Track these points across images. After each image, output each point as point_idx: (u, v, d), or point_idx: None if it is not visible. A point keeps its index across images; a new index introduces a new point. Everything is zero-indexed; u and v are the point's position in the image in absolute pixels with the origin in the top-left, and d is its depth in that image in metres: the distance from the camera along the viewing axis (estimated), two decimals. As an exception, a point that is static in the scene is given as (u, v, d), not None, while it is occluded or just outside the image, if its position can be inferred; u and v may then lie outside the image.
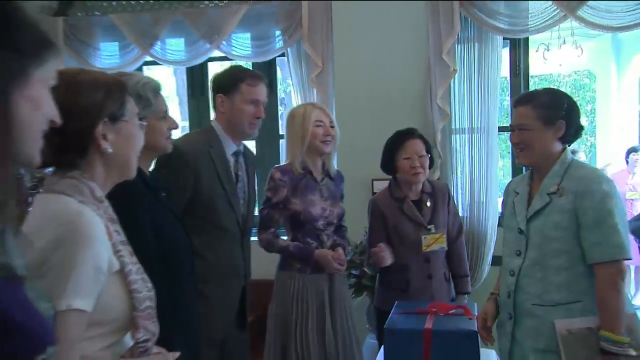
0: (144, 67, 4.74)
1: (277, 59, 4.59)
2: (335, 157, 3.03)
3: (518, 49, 4.14)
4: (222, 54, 4.47)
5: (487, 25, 3.90)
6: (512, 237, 2.28)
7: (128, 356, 1.37)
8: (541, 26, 3.87)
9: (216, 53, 4.48)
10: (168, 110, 2.09)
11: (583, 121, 2.33)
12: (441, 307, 2.60)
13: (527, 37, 4.12)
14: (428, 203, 3.06)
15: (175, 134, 2.22)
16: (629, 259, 2.08)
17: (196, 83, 4.78)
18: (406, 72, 4.10)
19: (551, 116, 2.18)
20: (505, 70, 4.18)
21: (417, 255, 3.00)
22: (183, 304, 2.00)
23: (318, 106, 3.03)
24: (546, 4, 3.82)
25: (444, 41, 3.94)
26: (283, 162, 3.08)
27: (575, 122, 2.23)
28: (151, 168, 2.23)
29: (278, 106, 4.84)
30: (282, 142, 4.58)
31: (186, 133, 3.28)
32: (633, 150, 6.38)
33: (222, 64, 4.95)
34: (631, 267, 6.20)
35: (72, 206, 1.29)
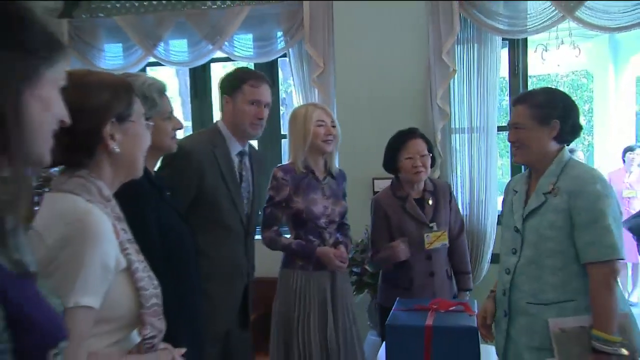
0: (148, 68, 4.74)
1: (279, 60, 4.59)
2: (336, 156, 3.03)
3: (517, 50, 4.14)
4: (225, 55, 4.48)
5: (487, 26, 3.91)
6: (509, 236, 2.28)
7: (135, 352, 1.38)
8: (540, 27, 3.87)
9: (219, 54, 4.49)
10: (173, 110, 2.10)
11: (581, 121, 2.32)
12: (442, 304, 2.61)
13: (526, 38, 4.13)
14: (430, 201, 3.07)
15: (179, 134, 2.22)
16: (622, 259, 2.06)
17: (199, 84, 4.78)
18: (406, 73, 4.10)
19: (546, 115, 2.18)
20: (504, 70, 4.18)
21: (420, 252, 3.00)
22: (188, 302, 2.00)
23: (319, 106, 3.04)
24: (545, 5, 3.83)
25: (444, 42, 3.94)
26: (285, 162, 3.08)
27: (571, 122, 2.21)
28: (156, 168, 2.24)
29: (280, 106, 4.85)
30: (284, 142, 4.59)
31: (191, 133, 3.29)
32: (629, 149, 6.38)
33: (225, 65, 4.97)
34: (628, 265, 6.20)
35: (80, 205, 1.29)
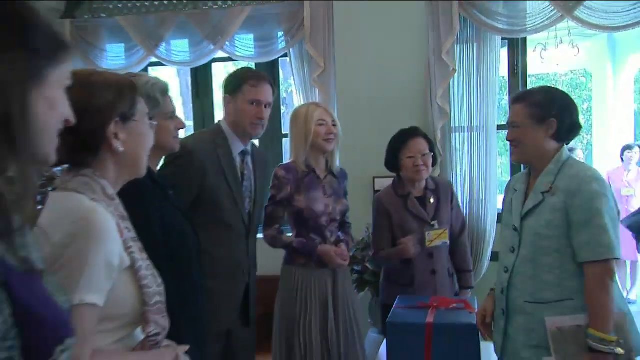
0: (149, 68, 4.75)
1: (280, 60, 4.60)
2: (337, 155, 3.04)
3: (516, 49, 4.15)
4: (226, 55, 4.48)
5: (486, 25, 3.91)
6: (508, 234, 2.27)
7: (139, 349, 1.38)
8: (539, 26, 3.88)
9: (220, 54, 4.49)
10: (175, 110, 2.10)
11: (580, 119, 2.31)
12: (442, 302, 2.62)
13: (525, 37, 4.13)
14: (432, 200, 3.07)
15: (181, 134, 2.23)
16: (617, 259, 2.04)
17: (200, 83, 4.79)
18: (407, 72, 4.11)
19: (542, 114, 2.16)
20: (503, 69, 4.19)
21: (421, 250, 3.01)
22: (191, 300, 2.00)
23: (320, 105, 3.05)
24: (544, 5, 3.83)
25: (444, 41, 3.95)
26: (286, 161, 3.09)
27: (569, 120, 2.19)
28: (159, 167, 2.24)
29: (280, 106, 4.86)
30: (285, 141, 4.59)
31: (194, 132, 3.29)
32: (628, 147, 6.39)
33: (226, 65, 4.98)
34: (627, 263, 6.21)
35: (85, 203, 1.29)
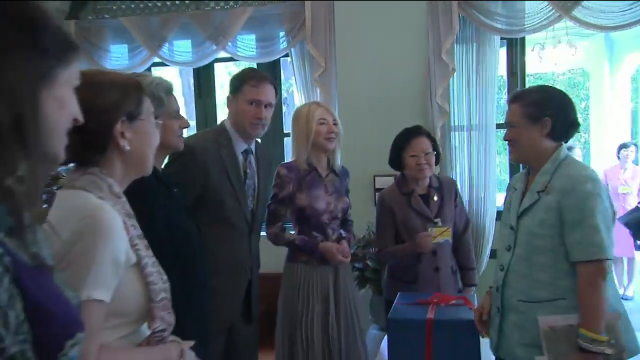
0: (152, 68, 4.75)
1: (281, 60, 4.60)
2: (339, 154, 3.04)
3: (515, 49, 4.16)
4: (228, 55, 4.49)
5: (485, 25, 3.92)
6: (506, 233, 2.27)
7: (145, 345, 1.39)
8: (537, 26, 3.88)
9: (222, 54, 4.50)
10: (179, 109, 2.11)
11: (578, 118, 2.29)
12: (442, 298, 2.62)
13: (524, 37, 4.14)
14: (435, 197, 3.08)
15: (184, 133, 2.23)
16: (609, 259, 2.02)
17: (203, 83, 4.79)
18: (407, 71, 4.12)
19: (536, 114, 2.15)
20: (502, 69, 4.20)
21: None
22: (195, 297, 2.01)
23: (321, 105, 3.06)
24: (542, 5, 3.84)
25: (443, 41, 3.95)
26: (288, 160, 3.09)
27: (564, 119, 2.17)
28: (163, 165, 2.24)
29: (282, 105, 4.86)
30: (286, 140, 4.60)
31: (198, 132, 3.29)
32: (624, 146, 6.40)
33: (227, 65, 4.98)
34: (624, 259, 6.22)
35: (92, 201, 1.30)
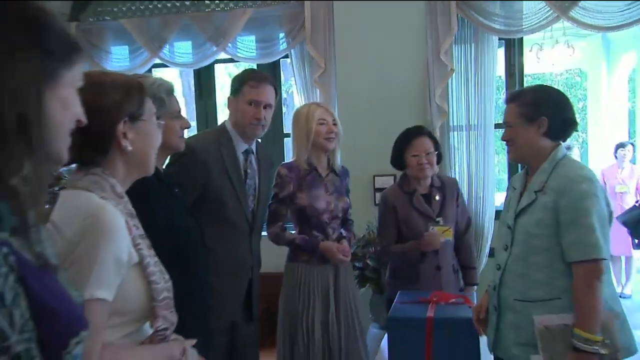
0: (153, 70, 4.76)
1: (280, 61, 4.60)
2: (338, 154, 3.05)
3: (513, 49, 4.16)
4: (228, 56, 4.50)
5: (483, 26, 3.92)
6: (504, 232, 2.26)
7: (147, 343, 1.39)
8: (535, 26, 3.89)
9: (222, 55, 4.50)
10: (181, 110, 2.11)
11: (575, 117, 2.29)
12: (442, 297, 2.63)
13: (522, 38, 4.14)
14: (437, 197, 3.08)
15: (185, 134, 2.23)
16: (604, 259, 2.00)
17: (203, 84, 4.80)
18: (406, 72, 4.12)
19: (533, 113, 2.14)
20: (500, 69, 4.20)
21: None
22: (196, 296, 2.01)
23: (321, 105, 3.06)
24: (540, 5, 3.84)
25: (442, 42, 3.96)
26: (287, 160, 3.10)
27: (560, 118, 2.16)
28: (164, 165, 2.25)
29: (282, 106, 4.87)
30: (286, 141, 4.60)
31: (199, 132, 3.29)
32: (621, 145, 6.40)
33: (228, 66, 4.98)
34: (622, 258, 6.22)
35: (95, 201, 1.30)
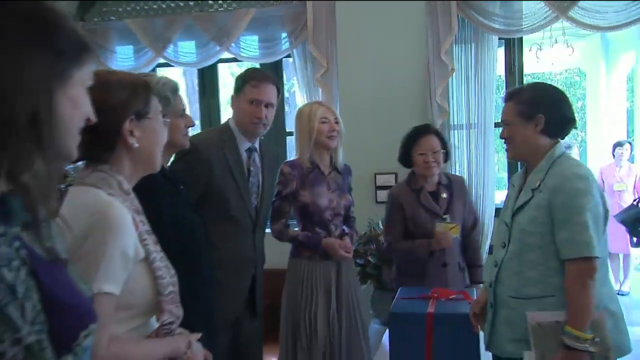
0: (157, 69, 4.77)
1: (282, 60, 4.61)
2: (341, 152, 3.06)
3: (513, 49, 4.17)
4: (232, 56, 4.51)
5: (483, 26, 3.93)
6: (502, 230, 2.25)
7: (153, 337, 1.41)
8: (534, 26, 3.90)
9: (226, 55, 4.52)
10: (186, 108, 2.12)
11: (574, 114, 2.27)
12: (442, 293, 2.64)
13: (521, 37, 4.15)
14: (444, 195, 3.09)
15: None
16: (596, 257, 1.98)
17: (207, 84, 4.81)
18: (407, 71, 4.13)
19: (530, 111, 2.13)
20: (500, 68, 4.21)
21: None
22: (201, 291, 2.02)
23: (323, 104, 3.07)
24: (539, 5, 3.85)
25: (443, 42, 3.97)
26: (290, 158, 3.11)
27: (557, 116, 2.14)
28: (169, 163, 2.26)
29: (284, 105, 4.89)
30: (289, 139, 4.62)
31: (204, 130, 3.30)
32: (618, 144, 6.39)
33: (231, 66, 5.00)
34: (620, 256, 6.22)
35: (102, 198, 1.31)
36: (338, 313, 2.90)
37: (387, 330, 2.61)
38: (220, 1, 4.39)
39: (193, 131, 2.30)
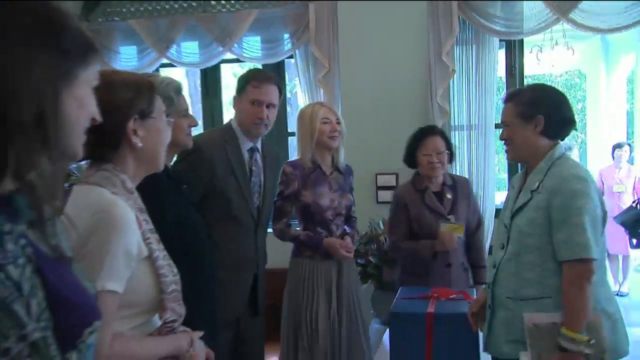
0: (160, 69, 4.78)
1: (285, 61, 4.62)
2: (342, 152, 3.06)
3: (513, 50, 4.17)
4: (234, 56, 4.52)
5: (484, 27, 3.93)
6: (501, 231, 2.24)
7: (156, 334, 1.41)
8: (535, 28, 3.90)
9: (228, 55, 4.52)
10: (189, 108, 2.12)
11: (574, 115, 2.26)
12: (442, 292, 2.64)
13: (522, 39, 4.15)
14: (449, 195, 3.09)
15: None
16: (593, 259, 1.96)
17: (210, 84, 4.82)
18: (408, 72, 4.14)
19: (529, 112, 2.11)
20: (501, 70, 4.21)
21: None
22: (204, 294, 2.03)
23: (325, 105, 3.08)
24: (540, 7, 3.85)
25: (444, 43, 3.97)
26: (291, 158, 3.11)
27: (557, 117, 2.13)
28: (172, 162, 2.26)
29: (286, 105, 4.89)
30: (290, 140, 4.62)
31: (206, 130, 3.30)
32: (618, 146, 6.39)
33: (233, 66, 5.00)
34: (619, 257, 6.22)
35: (106, 196, 1.32)
36: (339, 312, 2.90)
37: (388, 329, 2.61)
38: (223, 2, 4.40)
39: (195, 131, 2.30)
